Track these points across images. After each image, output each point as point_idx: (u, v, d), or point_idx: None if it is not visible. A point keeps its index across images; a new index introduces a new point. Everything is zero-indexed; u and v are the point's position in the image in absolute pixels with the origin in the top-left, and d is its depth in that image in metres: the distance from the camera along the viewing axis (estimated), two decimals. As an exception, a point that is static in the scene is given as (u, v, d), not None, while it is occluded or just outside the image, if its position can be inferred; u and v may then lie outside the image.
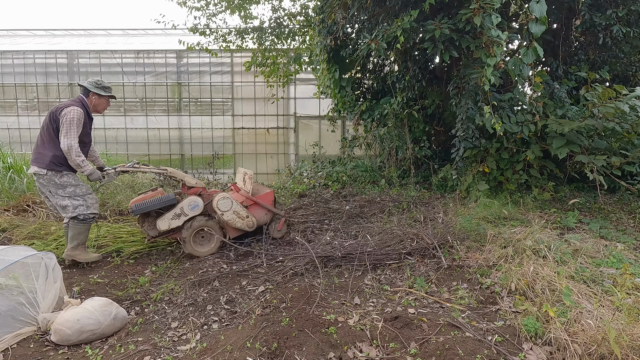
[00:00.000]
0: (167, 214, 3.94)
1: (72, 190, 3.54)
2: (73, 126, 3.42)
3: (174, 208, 3.95)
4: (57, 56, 9.68)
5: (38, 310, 2.59)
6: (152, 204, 3.88)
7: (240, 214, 4.14)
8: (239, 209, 4.13)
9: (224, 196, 4.07)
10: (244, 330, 2.52)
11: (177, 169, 4.42)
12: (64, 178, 3.50)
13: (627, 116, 4.54)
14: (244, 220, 4.17)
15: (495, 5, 3.99)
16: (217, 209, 4.02)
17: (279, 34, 8.27)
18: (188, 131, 9.84)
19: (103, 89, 3.70)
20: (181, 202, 3.98)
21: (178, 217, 3.96)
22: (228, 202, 4.07)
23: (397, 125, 6.52)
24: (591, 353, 2.10)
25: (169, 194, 3.99)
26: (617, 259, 3.22)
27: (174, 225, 3.95)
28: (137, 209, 3.84)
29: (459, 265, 3.37)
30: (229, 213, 4.08)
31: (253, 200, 4.29)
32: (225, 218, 4.07)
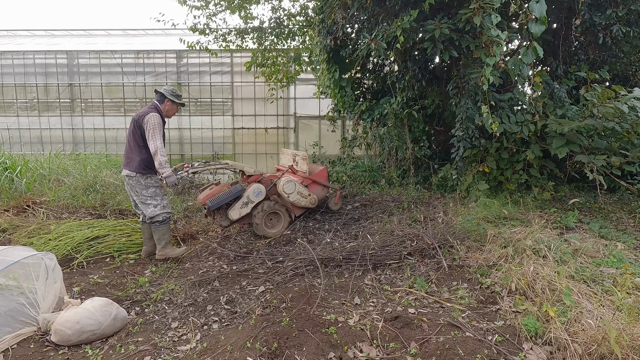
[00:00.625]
0: (236, 204, 4.36)
1: (153, 190, 3.90)
2: (157, 130, 3.87)
3: (241, 198, 4.38)
4: (57, 56, 9.68)
5: (38, 310, 2.59)
6: (225, 197, 4.30)
7: (303, 194, 4.65)
8: (301, 189, 4.62)
9: (288, 179, 4.52)
10: (244, 331, 2.52)
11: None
12: (148, 180, 3.88)
13: (627, 116, 4.54)
14: (307, 198, 4.69)
15: (495, 5, 3.98)
16: (283, 192, 4.48)
17: (278, 34, 8.26)
18: (188, 131, 9.84)
19: (177, 97, 4.16)
20: (246, 191, 4.41)
21: (246, 205, 4.39)
22: (292, 184, 4.54)
23: (397, 125, 6.52)
24: (591, 353, 2.10)
25: (237, 185, 4.44)
26: (617, 259, 3.22)
27: (243, 213, 4.39)
28: (213, 204, 4.25)
29: (459, 265, 3.37)
30: (294, 194, 4.55)
31: (311, 179, 4.79)
32: (292, 199, 4.55)
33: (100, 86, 9.70)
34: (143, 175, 3.86)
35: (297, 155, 4.89)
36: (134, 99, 9.76)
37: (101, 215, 5.14)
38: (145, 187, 3.88)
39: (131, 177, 3.85)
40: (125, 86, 9.67)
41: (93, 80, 9.70)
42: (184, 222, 5.17)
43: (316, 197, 4.76)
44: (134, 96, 9.73)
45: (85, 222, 4.67)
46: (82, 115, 9.82)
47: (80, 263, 3.79)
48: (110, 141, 9.83)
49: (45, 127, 9.83)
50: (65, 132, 9.84)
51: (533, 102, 5.06)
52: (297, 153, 4.87)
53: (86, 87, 9.72)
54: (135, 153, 3.85)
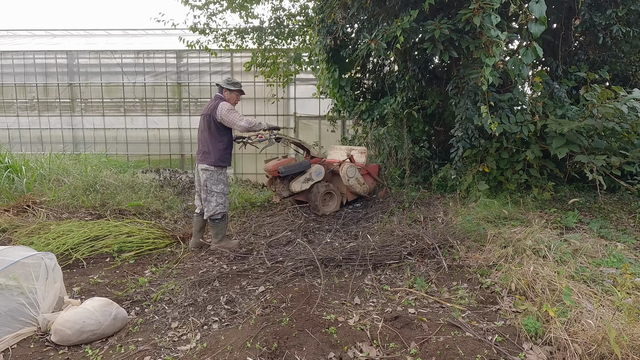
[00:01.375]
0: (300, 177, 4.83)
1: (222, 188, 4.08)
2: (232, 111, 4.03)
3: (305, 174, 4.86)
4: (57, 56, 9.68)
5: (38, 310, 2.59)
6: (295, 167, 4.82)
7: (360, 181, 5.15)
8: (359, 176, 5.11)
9: (351, 165, 5.01)
10: (244, 330, 2.52)
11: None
12: (221, 175, 4.10)
13: (627, 116, 4.54)
14: (362, 186, 5.16)
15: (495, 6, 3.98)
16: (346, 174, 4.97)
17: (278, 34, 8.26)
18: (188, 131, 9.83)
19: (233, 85, 4.23)
20: (310, 169, 4.90)
21: (307, 181, 4.89)
22: (353, 170, 5.02)
23: (396, 125, 6.52)
24: (591, 353, 2.10)
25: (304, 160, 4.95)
26: (617, 259, 3.22)
27: (304, 188, 4.88)
28: (286, 170, 4.75)
29: (459, 265, 3.37)
30: (353, 179, 5.04)
31: (367, 171, 5.31)
32: (350, 183, 5.03)
33: (100, 86, 9.70)
34: (219, 169, 4.07)
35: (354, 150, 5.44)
36: (134, 99, 9.76)
37: (101, 216, 5.14)
38: (217, 182, 4.05)
39: (208, 170, 4.04)
40: (125, 86, 9.66)
41: (93, 80, 9.70)
42: (184, 222, 5.17)
43: (368, 187, 5.26)
44: (134, 96, 9.73)
45: (85, 222, 4.67)
46: (82, 115, 9.82)
47: (79, 261, 3.79)
48: (110, 141, 9.83)
49: (45, 127, 9.82)
50: (65, 132, 9.83)
51: (533, 102, 5.06)
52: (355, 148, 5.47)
53: (86, 87, 9.72)
54: (213, 147, 4.05)
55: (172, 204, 5.87)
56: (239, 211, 5.64)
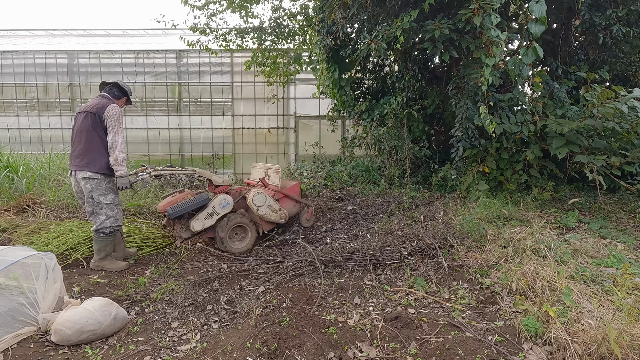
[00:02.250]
0: (200, 214, 3.99)
1: (112, 198, 3.58)
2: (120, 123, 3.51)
3: (206, 208, 4.03)
4: (56, 56, 9.68)
5: (38, 310, 2.59)
6: (188, 205, 3.93)
7: (274, 208, 4.34)
8: (272, 202, 4.32)
9: (258, 191, 4.25)
10: (244, 330, 2.52)
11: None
12: (110, 184, 3.58)
13: (627, 116, 4.54)
14: (277, 213, 4.36)
15: (495, 6, 3.98)
16: (253, 204, 4.18)
17: (278, 34, 8.26)
18: (188, 131, 9.83)
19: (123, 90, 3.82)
20: (212, 201, 4.06)
21: (210, 216, 4.04)
22: (262, 197, 4.25)
23: (396, 125, 6.52)
24: (591, 353, 2.10)
25: (202, 194, 4.08)
26: (617, 259, 3.22)
27: (207, 225, 4.02)
28: (174, 211, 3.87)
29: (459, 265, 3.37)
30: (264, 207, 4.25)
31: (283, 194, 4.51)
32: (261, 212, 4.24)
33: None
34: (107, 178, 3.52)
35: (269, 169, 4.60)
36: (134, 99, 9.74)
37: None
38: (106, 192, 3.53)
39: (94, 179, 3.47)
40: (125, 86, 9.65)
41: (93, 80, 9.69)
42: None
43: (287, 212, 4.46)
44: (134, 96, 9.71)
45: (85, 221, 4.67)
46: (82, 115, 9.80)
47: (79, 261, 3.79)
48: (110, 141, 9.81)
49: (45, 127, 9.82)
50: (65, 132, 9.82)
51: (533, 102, 5.06)
52: (270, 166, 4.61)
53: (86, 87, 9.71)
54: (98, 151, 3.47)
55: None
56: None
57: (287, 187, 4.64)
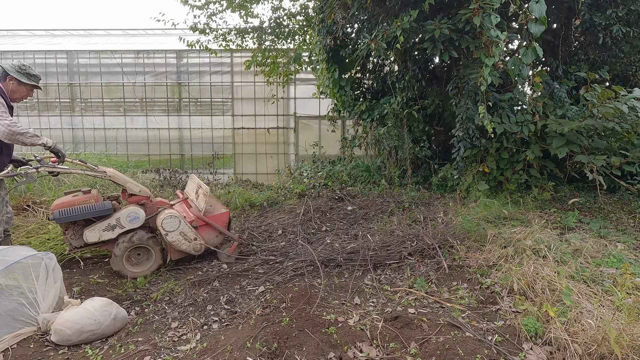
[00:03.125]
0: (99, 223, 3.39)
1: None
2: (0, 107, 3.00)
3: (109, 218, 3.42)
4: (57, 56, 9.68)
5: (38, 310, 2.59)
6: (82, 212, 3.29)
7: (188, 236, 3.60)
8: (187, 229, 3.59)
9: (171, 214, 3.53)
10: (244, 330, 2.52)
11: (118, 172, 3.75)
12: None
13: (627, 116, 4.54)
14: (191, 242, 3.63)
15: (495, 6, 3.99)
16: (162, 228, 3.50)
17: (278, 33, 8.27)
18: (188, 131, 9.84)
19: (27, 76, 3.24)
20: (118, 212, 3.46)
21: (112, 229, 3.43)
22: (175, 221, 3.53)
23: (396, 125, 6.52)
24: (591, 353, 2.10)
25: (105, 201, 3.43)
26: (617, 259, 3.22)
27: (105, 238, 3.42)
28: (62, 217, 3.23)
29: (459, 265, 3.37)
30: (175, 234, 3.54)
31: (205, 221, 3.73)
32: (170, 239, 3.53)
33: (100, 86, 9.70)
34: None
35: (200, 188, 3.85)
36: (134, 99, 9.76)
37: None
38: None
39: None
40: (125, 86, 9.67)
41: (93, 80, 9.70)
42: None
43: (203, 243, 3.69)
44: (134, 96, 9.73)
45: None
46: (82, 115, 9.82)
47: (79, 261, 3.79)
48: (110, 141, 9.83)
49: (45, 127, 9.82)
50: (65, 131, 9.83)
51: (533, 102, 5.06)
52: (202, 185, 3.83)
53: (86, 87, 9.72)
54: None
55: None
56: (238, 211, 5.64)
57: (214, 213, 3.86)
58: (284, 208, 5.60)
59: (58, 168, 3.41)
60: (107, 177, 3.51)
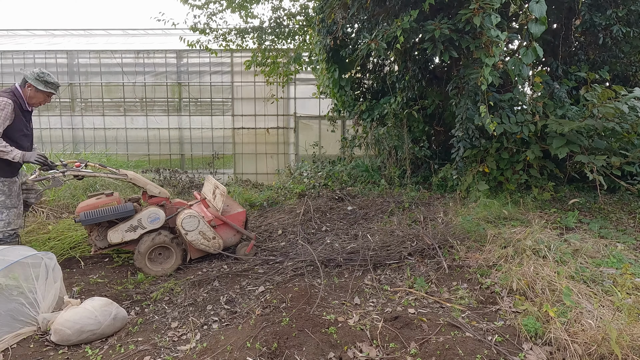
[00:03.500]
0: (122, 224, 3.55)
1: (2, 200, 3.25)
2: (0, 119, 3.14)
3: (131, 219, 3.57)
4: (57, 56, 9.68)
5: (38, 310, 2.59)
6: (106, 214, 3.45)
7: (207, 235, 3.71)
8: (205, 229, 3.70)
9: (191, 214, 3.65)
10: (244, 330, 2.52)
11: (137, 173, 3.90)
12: (5, 187, 3.24)
13: (627, 116, 4.54)
14: (210, 241, 3.74)
15: (495, 6, 3.98)
16: (181, 227, 3.62)
17: (278, 33, 8.27)
18: (188, 131, 9.83)
19: (44, 84, 3.43)
20: (140, 213, 3.59)
21: (134, 229, 3.57)
22: (194, 221, 3.64)
23: (396, 125, 6.52)
24: (591, 353, 2.10)
25: (127, 203, 3.60)
26: (617, 259, 3.22)
27: (128, 239, 3.56)
28: (87, 219, 3.39)
29: (459, 266, 3.37)
30: (194, 233, 3.65)
31: (222, 220, 3.83)
32: (189, 238, 3.65)
33: (100, 86, 9.70)
34: None
35: (217, 188, 3.97)
36: (134, 99, 9.76)
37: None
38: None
39: None
40: (125, 86, 9.66)
41: (93, 80, 9.70)
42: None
43: (222, 242, 3.81)
44: (134, 96, 9.73)
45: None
46: (82, 115, 9.82)
47: (79, 261, 3.79)
48: (110, 141, 9.83)
49: (45, 127, 9.82)
50: (65, 131, 9.83)
51: (533, 102, 5.06)
52: (219, 186, 3.96)
53: (86, 87, 9.72)
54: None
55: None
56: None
57: (231, 213, 3.94)
58: (284, 208, 5.60)
59: (83, 172, 3.57)
60: (128, 180, 3.66)
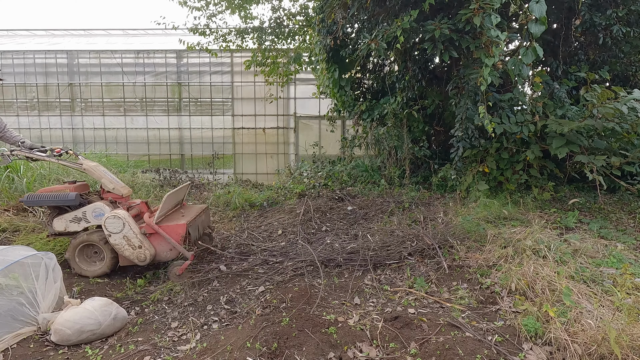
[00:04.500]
0: (67, 214, 3.52)
1: None
2: None
3: (76, 210, 3.50)
4: (57, 56, 9.68)
5: (38, 310, 2.59)
6: (46, 199, 3.47)
7: (132, 242, 3.38)
8: (131, 234, 3.38)
9: (115, 214, 3.38)
10: (244, 330, 2.52)
11: (100, 170, 3.73)
12: None
13: (627, 116, 4.54)
14: (135, 250, 3.40)
15: (495, 6, 3.99)
16: (105, 227, 3.38)
17: (278, 34, 8.27)
18: (188, 131, 9.84)
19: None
20: (86, 206, 3.51)
21: (78, 221, 3.50)
22: (118, 223, 3.36)
23: (396, 125, 6.52)
24: (591, 353, 2.10)
25: (70, 193, 3.51)
26: (617, 259, 3.22)
27: (71, 229, 3.53)
28: (28, 201, 3.47)
29: (459, 266, 3.37)
30: (118, 236, 3.38)
31: (154, 230, 3.43)
32: (112, 241, 3.40)
33: (100, 86, 9.70)
34: None
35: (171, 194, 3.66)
36: (134, 99, 9.76)
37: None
38: None
39: None
40: (125, 86, 9.67)
41: (93, 80, 9.71)
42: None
43: (151, 254, 3.42)
44: (134, 96, 9.73)
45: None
46: (82, 115, 9.83)
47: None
48: (110, 141, 9.83)
49: (45, 127, 9.83)
50: (65, 131, 9.84)
51: (533, 102, 5.06)
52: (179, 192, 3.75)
53: (86, 87, 9.72)
54: None
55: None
56: (238, 211, 5.64)
57: (168, 226, 3.48)
58: (284, 208, 5.60)
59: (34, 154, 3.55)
60: (82, 170, 3.58)
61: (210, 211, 5.59)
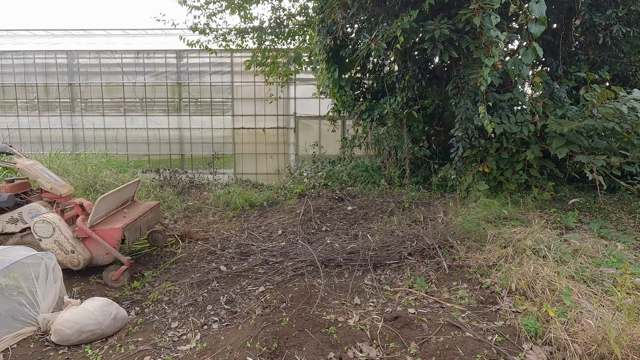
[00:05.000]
0: (4, 215, 3.43)
1: None
2: None
3: (12, 211, 3.41)
4: (57, 56, 9.68)
5: (38, 310, 2.59)
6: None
7: (64, 247, 3.25)
8: (62, 239, 3.24)
9: (45, 219, 3.24)
10: (244, 330, 2.52)
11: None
12: None
13: (627, 116, 4.54)
14: (67, 255, 3.28)
15: (495, 6, 3.99)
16: (34, 232, 3.25)
17: (278, 34, 8.27)
18: (188, 131, 9.84)
19: None
20: (23, 206, 3.42)
21: (15, 222, 3.41)
22: (48, 227, 3.23)
23: (396, 125, 6.52)
24: (591, 353, 2.10)
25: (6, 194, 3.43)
26: (617, 259, 3.22)
27: (8, 230, 3.43)
28: None
29: (459, 265, 3.37)
30: (49, 241, 3.25)
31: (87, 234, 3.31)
32: (43, 246, 3.25)
33: (100, 86, 9.70)
34: None
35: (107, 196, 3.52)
36: (134, 99, 9.76)
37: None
38: None
39: None
40: (125, 86, 9.67)
41: (93, 80, 9.71)
42: (184, 222, 5.17)
43: (85, 258, 3.30)
44: (134, 96, 9.74)
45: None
46: (82, 115, 9.83)
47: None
48: (110, 141, 9.84)
49: (46, 127, 9.83)
50: (65, 131, 9.84)
51: (533, 102, 5.06)
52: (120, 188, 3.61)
53: (86, 87, 9.72)
54: None
55: (172, 203, 5.87)
56: (238, 211, 5.64)
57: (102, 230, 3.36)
58: (284, 208, 5.59)
59: None
60: (16, 169, 3.47)
61: (210, 211, 5.59)
